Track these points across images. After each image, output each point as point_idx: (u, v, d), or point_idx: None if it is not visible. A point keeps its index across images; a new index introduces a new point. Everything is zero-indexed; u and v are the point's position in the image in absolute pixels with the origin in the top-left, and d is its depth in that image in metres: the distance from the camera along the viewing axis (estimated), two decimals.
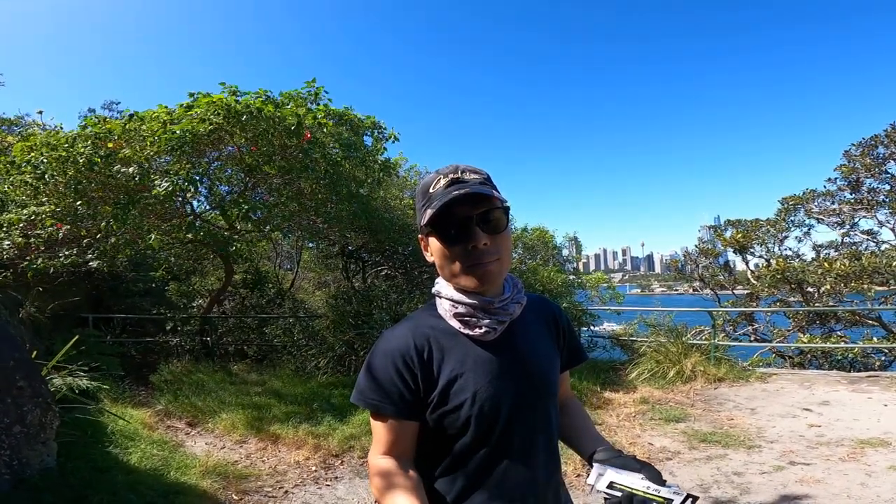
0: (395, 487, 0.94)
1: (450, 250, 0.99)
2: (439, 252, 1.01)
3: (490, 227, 0.97)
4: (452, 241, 0.98)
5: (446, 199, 0.94)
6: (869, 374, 6.57)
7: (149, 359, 7.99)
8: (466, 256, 0.97)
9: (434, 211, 0.95)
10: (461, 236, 0.97)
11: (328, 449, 4.31)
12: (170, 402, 5.56)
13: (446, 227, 0.97)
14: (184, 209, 6.86)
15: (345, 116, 6.90)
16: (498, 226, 0.98)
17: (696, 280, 12.39)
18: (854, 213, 10.73)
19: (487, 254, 0.97)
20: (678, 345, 6.79)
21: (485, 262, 0.97)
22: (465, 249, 0.97)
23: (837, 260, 9.52)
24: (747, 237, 11.23)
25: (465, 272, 0.99)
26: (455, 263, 0.99)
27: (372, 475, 1.00)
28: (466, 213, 0.96)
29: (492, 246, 0.97)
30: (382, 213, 8.41)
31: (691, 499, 0.89)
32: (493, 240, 0.98)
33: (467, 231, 0.96)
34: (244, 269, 10.31)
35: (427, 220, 0.97)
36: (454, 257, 0.99)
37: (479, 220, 0.96)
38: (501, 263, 1.00)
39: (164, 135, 5.46)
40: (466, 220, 0.96)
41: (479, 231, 0.96)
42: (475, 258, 0.97)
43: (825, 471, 3.66)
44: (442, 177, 0.99)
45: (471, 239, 0.96)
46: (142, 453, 3.84)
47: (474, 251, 0.96)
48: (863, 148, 10.54)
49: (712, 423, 4.87)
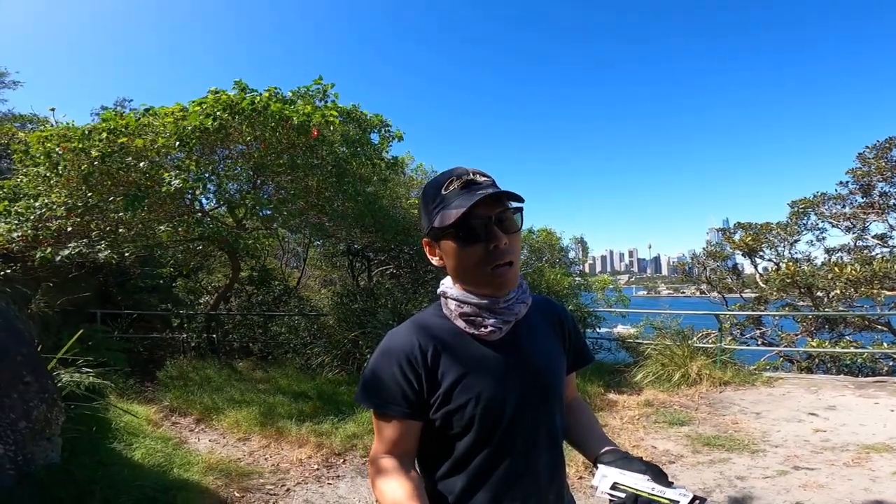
0: (396, 487, 0.94)
1: (470, 251, 0.98)
2: (456, 254, 0.99)
3: (506, 227, 0.98)
4: (473, 240, 0.97)
5: (475, 199, 0.93)
6: (876, 379, 6.49)
7: (155, 355, 8.05)
8: (487, 256, 0.97)
9: (463, 210, 0.93)
10: (482, 236, 0.96)
11: (331, 447, 4.32)
12: (175, 399, 5.61)
13: (468, 227, 0.96)
14: (192, 206, 6.92)
15: (352, 114, 6.93)
16: (513, 225, 0.99)
17: (703, 283, 12.30)
18: (866, 217, 10.61)
19: (507, 253, 0.97)
20: (684, 348, 6.74)
21: (505, 262, 0.97)
22: (486, 249, 0.96)
23: (848, 265, 9.42)
24: (757, 240, 11.13)
25: (491, 274, 0.98)
26: (475, 265, 0.98)
27: (373, 474, 1.00)
28: (486, 213, 0.96)
29: (509, 247, 0.97)
30: (388, 212, 8.42)
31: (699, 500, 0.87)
32: (510, 240, 0.98)
33: (488, 230, 0.96)
34: (251, 267, 10.37)
35: (451, 221, 0.95)
36: (475, 258, 0.98)
37: (497, 220, 0.96)
38: (515, 266, 1.00)
39: (177, 130, 5.53)
40: (486, 219, 0.96)
41: (498, 230, 0.96)
42: (496, 258, 0.97)
43: (829, 476, 3.62)
44: (455, 178, 0.99)
45: (492, 238, 0.96)
46: (146, 449, 3.87)
47: (495, 251, 0.96)
48: (877, 151, 10.41)
49: (717, 427, 4.83)
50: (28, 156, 5.89)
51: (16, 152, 6.33)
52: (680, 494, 0.88)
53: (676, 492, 0.89)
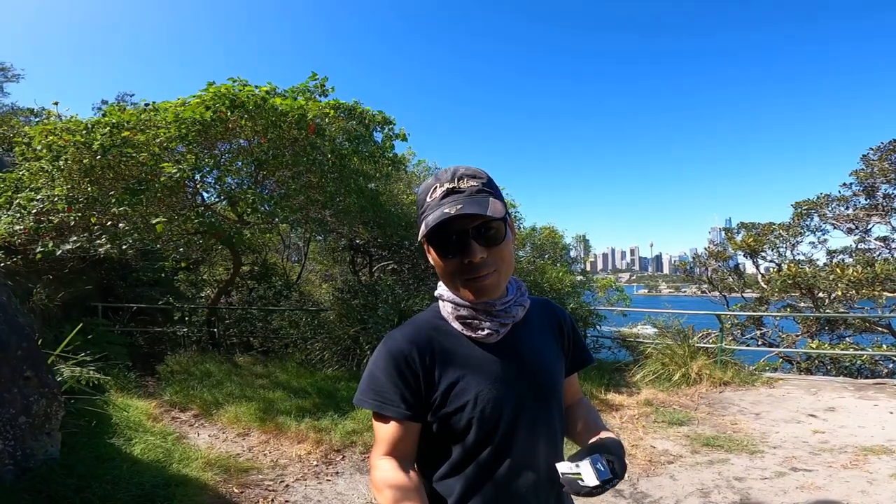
0: (396, 488, 0.94)
1: (446, 263, 0.98)
2: (436, 263, 1.01)
3: (487, 240, 0.96)
4: (448, 254, 0.97)
5: (439, 220, 0.92)
6: (876, 381, 6.49)
7: (156, 349, 8.07)
8: (462, 270, 0.97)
9: (434, 224, 0.93)
10: (457, 250, 0.96)
11: (330, 444, 4.34)
12: (175, 394, 5.62)
13: (441, 240, 0.96)
14: (194, 200, 6.91)
15: (355, 110, 6.90)
16: (495, 238, 0.97)
17: (704, 282, 12.29)
18: (868, 219, 10.58)
19: (484, 267, 0.96)
20: (685, 347, 6.74)
21: (481, 275, 0.96)
22: (460, 263, 0.96)
23: (850, 266, 9.41)
24: (759, 241, 11.12)
25: (462, 286, 0.99)
26: (452, 277, 0.99)
27: (373, 476, 1.00)
28: (462, 227, 0.94)
29: (489, 259, 0.96)
30: (390, 208, 8.41)
31: (611, 480, 0.91)
32: (490, 252, 0.96)
33: (463, 245, 0.95)
34: (252, 261, 10.38)
35: (422, 235, 0.96)
36: (451, 270, 0.98)
37: (476, 234, 0.95)
38: (499, 275, 0.99)
39: (174, 122, 5.52)
40: (462, 233, 0.95)
41: (476, 245, 0.94)
42: (471, 272, 0.96)
43: (826, 477, 3.63)
44: (438, 185, 0.98)
45: (466, 253, 0.95)
46: (145, 444, 3.88)
47: (470, 265, 0.96)
48: (882, 152, 10.36)
49: (716, 428, 4.84)
50: (30, 149, 5.89)
51: (18, 145, 6.34)
52: (595, 468, 0.92)
53: (588, 461, 0.93)
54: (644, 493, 3.52)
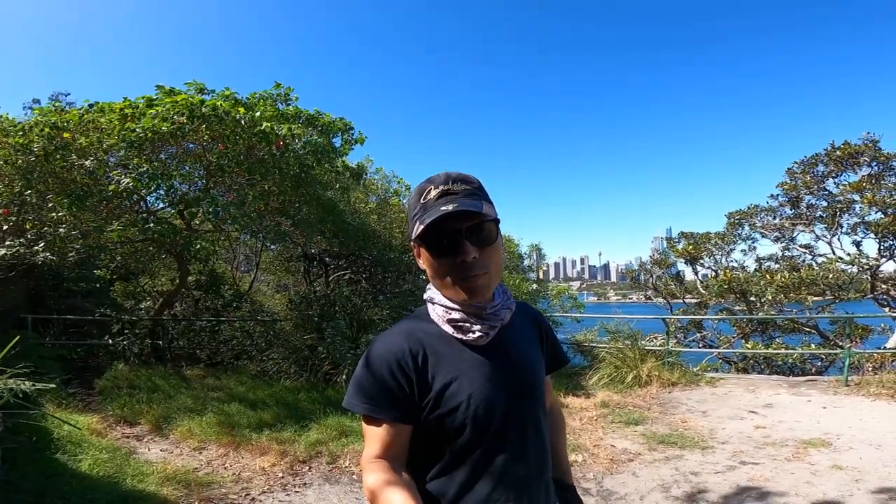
0: (389, 490, 0.93)
1: (439, 263, 1.00)
2: (429, 263, 1.02)
3: (479, 240, 0.99)
4: (441, 254, 0.99)
5: (435, 217, 0.95)
6: (808, 379, 7.01)
7: (91, 362, 7.58)
8: (455, 269, 0.99)
9: (423, 226, 0.96)
10: (450, 250, 0.98)
11: (295, 455, 4.21)
12: (120, 408, 5.30)
13: (436, 240, 0.99)
14: (137, 206, 6.55)
15: (316, 119, 6.78)
16: (487, 239, 1.00)
17: (649, 289, 12.89)
18: (793, 228, 11.46)
19: (476, 267, 0.99)
20: (636, 350, 7.04)
21: (473, 275, 0.99)
22: (453, 262, 0.98)
23: (778, 272, 10.14)
24: (698, 249, 11.81)
25: (455, 285, 1.01)
26: (445, 276, 1.01)
27: (365, 478, 0.99)
28: (456, 227, 0.97)
29: (481, 259, 0.99)
30: (348, 218, 8.29)
31: None
32: (483, 252, 0.99)
33: (456, 244, 0.97)
34: (198, 271, 9.91)
35: (416, 235, 0.98)
36: (444, 270, 1.00)
37: (469, 234, 0.98)
38: (490, 276, 1.02)
39: (122, 131, 5.22)
40: (455, 233, 0.97)
41: (469, 244, 0.97)
42: (464, 271, 0.98)
43: (773, 470, 3.88)
44: (433, 187, 1.00)
45: (459, 253, 0.97)
46: (92, 460, 3.63)
47: (463, 264, 0.98)
48: (804, 166, 11.27)
49: (668, 426, 5.07)
50: None
51: None
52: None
53: None
54: (610, 491, 3.64)
